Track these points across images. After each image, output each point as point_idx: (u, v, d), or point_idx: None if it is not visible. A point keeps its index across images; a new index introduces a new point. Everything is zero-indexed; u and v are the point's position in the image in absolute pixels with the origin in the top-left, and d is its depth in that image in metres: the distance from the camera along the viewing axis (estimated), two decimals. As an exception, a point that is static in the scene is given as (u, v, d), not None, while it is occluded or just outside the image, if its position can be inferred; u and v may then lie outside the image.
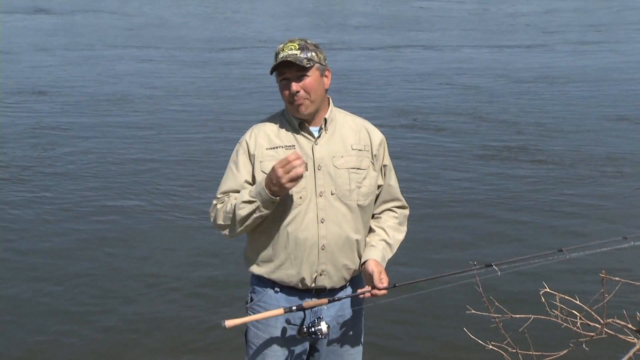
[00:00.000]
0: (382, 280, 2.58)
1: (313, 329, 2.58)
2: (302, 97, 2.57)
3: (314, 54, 2.59)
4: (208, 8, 28.99)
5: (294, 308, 2.57)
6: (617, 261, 5.89)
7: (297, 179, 2.42)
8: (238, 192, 2.66)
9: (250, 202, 2.49)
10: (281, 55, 2.56)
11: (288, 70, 2.58)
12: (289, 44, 2.59)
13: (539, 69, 14.38)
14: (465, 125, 10.54)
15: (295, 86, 2.56)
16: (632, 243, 2.94)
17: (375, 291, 2.56)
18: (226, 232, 2.72)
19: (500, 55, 16.90)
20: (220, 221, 2.69)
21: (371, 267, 2.61)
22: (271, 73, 2.66)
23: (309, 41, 2.65)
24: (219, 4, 30.14)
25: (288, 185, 2.43)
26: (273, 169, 2.44)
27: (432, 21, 23.75)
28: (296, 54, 2.54)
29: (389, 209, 2.87)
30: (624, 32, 19.23)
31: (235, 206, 2.56)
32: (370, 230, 2.83)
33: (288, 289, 2.70)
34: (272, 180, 2.44)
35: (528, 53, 17.01)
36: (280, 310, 2.58)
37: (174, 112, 12.30)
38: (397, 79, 13.82)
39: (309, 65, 2.56)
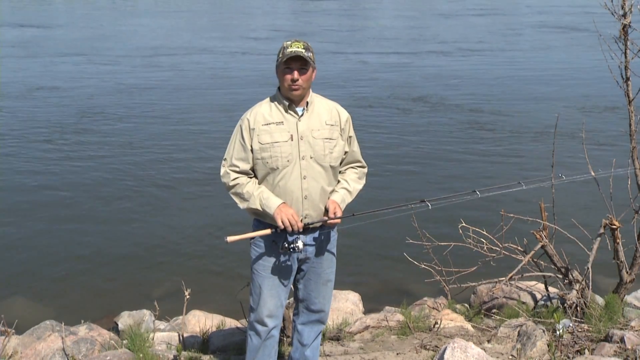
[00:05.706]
0: (335, 213, 3.27)
1: (292, 245, 3.24)
2: (299, 85, 3.25)
3: (312, 54, 3.24)
4: (180, 21, 30.76)
5: (278, 230, 3.24)
6: (517, 201, 7.20)
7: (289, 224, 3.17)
8: (245, 160, 3.29)
9: (260, 208, 3.21)
10: (291, 50, 3.17)
11: (294, 62, 3.20)
12: (296, 42, 3.21)
13: (438, 67, 18.60)
14: (401, 104, 13.81)
15: (297, 75, 3.22)
16: (523, 187, 3.78)
17: (330, 221, 3.28)
18: (235, 199, 3.48)
19: (411, 59, 19.98)
20: (235, 195, 3.32)
21: (329, 204, 3.32)
22: (282, 62, 3.22)
23: (309, 44, 3.29)
24: (186, 18, 31.63)
25: (285, 223, 3.15)
26: (287, 221, 3.14)
27: (348, 34, 26.29)
28: (302, 52, 3.17)
29: (351, 167, 3.53)
30: (504, 43, 23.55)
31: (250, 197, 3.24)
32: (337, 182, 3.87)
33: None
34: (282, 220, 3.16)
35: (430, 57, 20.45)
36: (268, 231, 3.26)
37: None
38: (338, 79, 16.66)
39: (310, 62, 3.24)
